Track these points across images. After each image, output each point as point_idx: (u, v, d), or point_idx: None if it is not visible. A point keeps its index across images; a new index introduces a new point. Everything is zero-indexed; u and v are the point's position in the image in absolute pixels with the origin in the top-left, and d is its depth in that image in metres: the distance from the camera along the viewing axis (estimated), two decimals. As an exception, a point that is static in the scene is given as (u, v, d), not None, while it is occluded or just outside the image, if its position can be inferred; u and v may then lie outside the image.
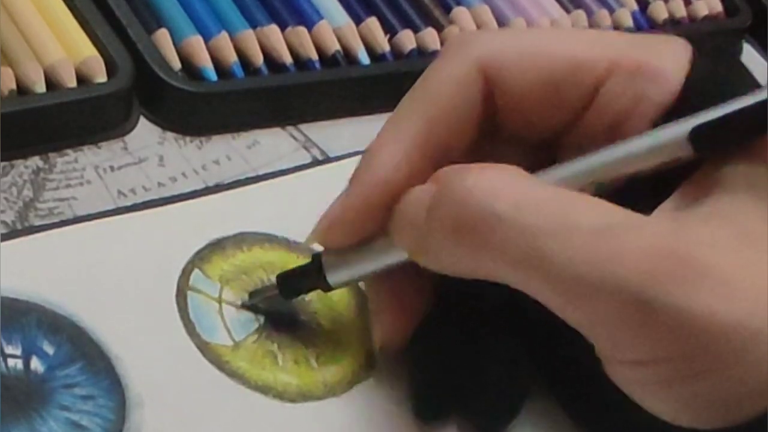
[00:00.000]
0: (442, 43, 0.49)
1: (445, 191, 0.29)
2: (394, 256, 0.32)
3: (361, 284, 0.36)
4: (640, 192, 0.29)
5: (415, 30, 0.49)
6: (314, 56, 0.46)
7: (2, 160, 0.38)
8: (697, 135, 0.28)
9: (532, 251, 0.28)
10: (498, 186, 0.28)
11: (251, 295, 0.35)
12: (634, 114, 0.31)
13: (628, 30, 0.56)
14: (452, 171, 0.30)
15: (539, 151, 0.33)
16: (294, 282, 0.35)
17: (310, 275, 0.34)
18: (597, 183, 0.30)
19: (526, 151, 0.33)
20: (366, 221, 0.32)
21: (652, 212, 0.29)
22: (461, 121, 0.32)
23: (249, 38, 0.45)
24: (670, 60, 0.31)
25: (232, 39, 0.45)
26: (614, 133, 0.31)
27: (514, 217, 0.28)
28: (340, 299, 0.36)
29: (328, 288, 0.34)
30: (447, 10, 0.52)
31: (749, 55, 0.62)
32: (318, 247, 0.34)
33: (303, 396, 0.34)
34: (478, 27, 0.52)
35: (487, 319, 0.34)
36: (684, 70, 0.31)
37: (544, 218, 0.28)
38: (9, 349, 0.31)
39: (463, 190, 0.29)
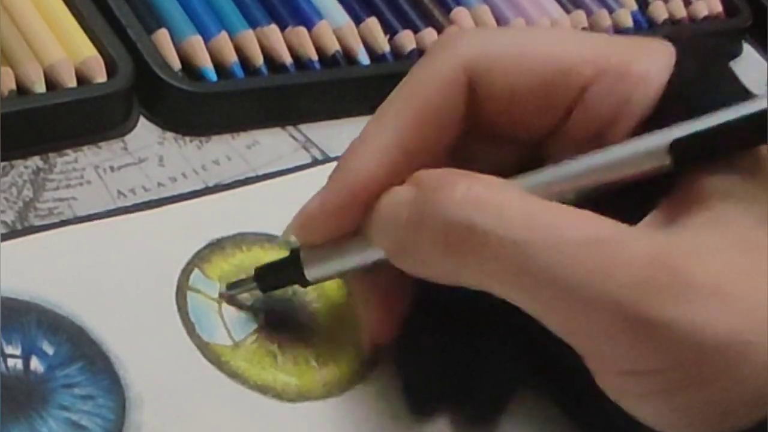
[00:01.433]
0: (442, 44, 0.49)
1: (432, 200, 0.29)
2: (373, 254, 0.31)
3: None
4: (625, 202, 0.29)
5: (415, 30, 0.49)
6: (314, 56, 0.46)
7: (2, 160, 0.38)
8: (677, 147, 0.28)
9: (520, 264, 0.28)
10: (487, 199, 0.28)
11: (229, 286, 0.35)
12: (618, 118, 0.31)
13: (628, 30, 0.56)
14: (437, 178, 0.29)
15: (524, 151, 0.33)
16: (272, 275, 0.35)
17: (288, 269, 0.34)
18: (575, 190, 0.29)
19: (511, 151, 0.33)
20: (343, 218, 0.32)
21: (638, 222, 0.29)
22: (444, 121, 0.32)
23: (249, 38, 0.45)
24: (652, 64, 0.30)
25: (232, 39, 0.45)
26: (600, 136, 0.31)
27: (503, 230, 0.28)
28: (340, 299, 0.36)
29: (305, 283, 0.34)
30: (447, 10, 0.52)
31: (749, 55, 0.62)
32: None
33: (302, 396, 0.34)
34: (478, 27, 0.52)
35: (473, 309, 0.33)
36: (666, 74, 0.30)
37: (533, 231, 0.28)
38: (9, 349, 0.31)
39: (452, 201, 0.29)
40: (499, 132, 0.33)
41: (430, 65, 0.32)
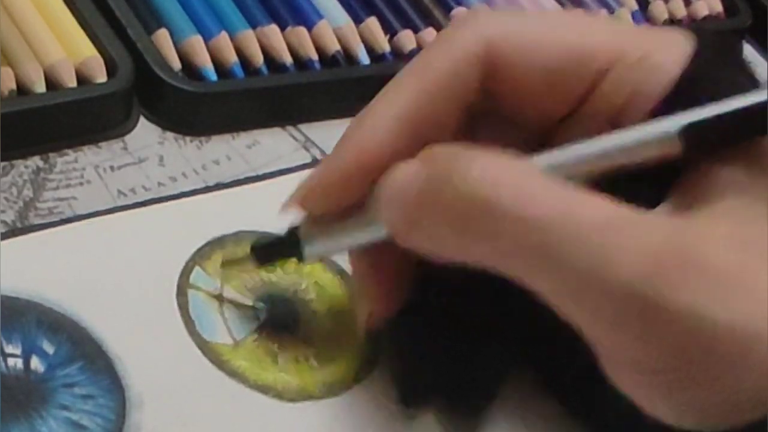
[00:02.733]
0: (442, 44, 0.50)
1: (447, 176, 0.29)
2: (375, 232, 0.31)
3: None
4: (642, 188, 0.29)
5: (415, 30, 0.49)
6: (314, 56, 0.46)
7: (2, 160, 0.38)
8: (687, 132, 0.28)
9: (534, 244, 0.27)
10: (503, 177, 0.28)
11: (224, 264, 0.35)
12: (631, 106, 0.31)
13: (628, 30, 0.56)
14: (453, 154, 0.29)
15: (532, 136, 0.33)
16: (268, 250, 0.34)
17: (284, 245, 0.33)
18: (585, 173, 0.29)
19: (521, 133, 0.33)
20: (347, 189, 0.31)
21: (654, 209, 0.29)
22: (454, 99, 0.31)
23: (249, 38, 0.45)
24: (669, 54, 0.31)
25: (232, 39, 0.45)
26: (611, 125, 0.31)
27: (519, 209, 0.27)
28: (340, 299, 0.36)
29: (301, 257, 0.33)
30: (447, 10, 0.52)
31: (749, 55, 0.62)
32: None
33: (303, 395, 0.34)
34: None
35: (467, 303, 0.33)
36: (682, 63, 0.30)
37: (551, 211, 0.27)
38: (9, 349, 0.31)
39: (467, 178, 0.28)
40: (512, 115, 0.32)
41: (449, 42, 0.32)
